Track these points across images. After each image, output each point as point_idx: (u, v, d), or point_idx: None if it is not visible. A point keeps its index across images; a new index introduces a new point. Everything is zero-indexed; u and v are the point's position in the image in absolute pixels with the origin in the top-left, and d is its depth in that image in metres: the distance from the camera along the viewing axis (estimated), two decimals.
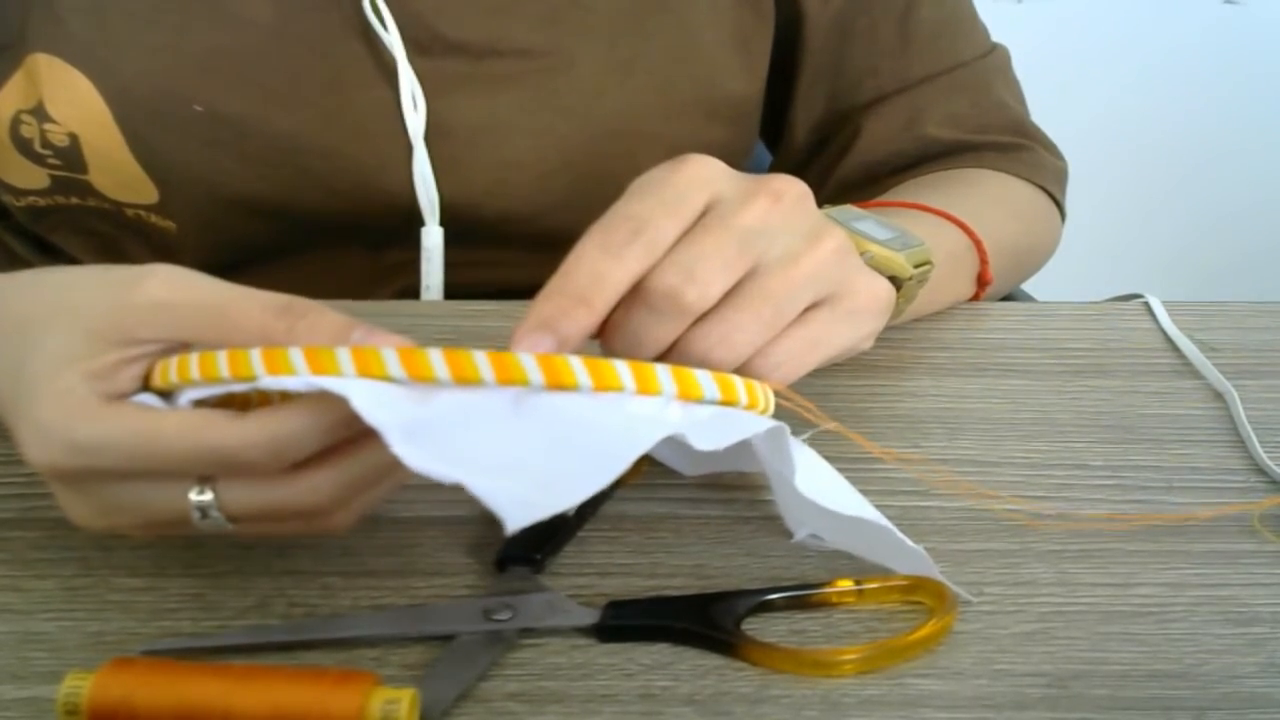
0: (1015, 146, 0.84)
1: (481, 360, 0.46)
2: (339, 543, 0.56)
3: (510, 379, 0.46)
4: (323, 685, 0.47)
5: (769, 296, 0.52)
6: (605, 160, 0.77)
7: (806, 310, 0.54)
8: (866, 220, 0.63)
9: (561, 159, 0.76)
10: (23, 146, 0.72)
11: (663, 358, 0.51)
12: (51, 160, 0.72)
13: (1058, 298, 0.78)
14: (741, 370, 0.52)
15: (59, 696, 0.46)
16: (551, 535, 0.56)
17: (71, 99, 0.70)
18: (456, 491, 0.59)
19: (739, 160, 0.86)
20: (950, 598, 0.52)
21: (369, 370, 0.45)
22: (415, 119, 0.73)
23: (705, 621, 0.51)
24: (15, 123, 0.71)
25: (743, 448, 0.53)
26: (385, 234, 0.76)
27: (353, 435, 0.47)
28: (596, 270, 0.49)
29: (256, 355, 0.46)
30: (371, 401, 0.44)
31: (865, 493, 0.60)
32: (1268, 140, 2.00)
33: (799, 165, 0.86)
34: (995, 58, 0.86)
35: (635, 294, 0.50)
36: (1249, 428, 0.65)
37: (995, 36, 0.88)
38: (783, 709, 0.49)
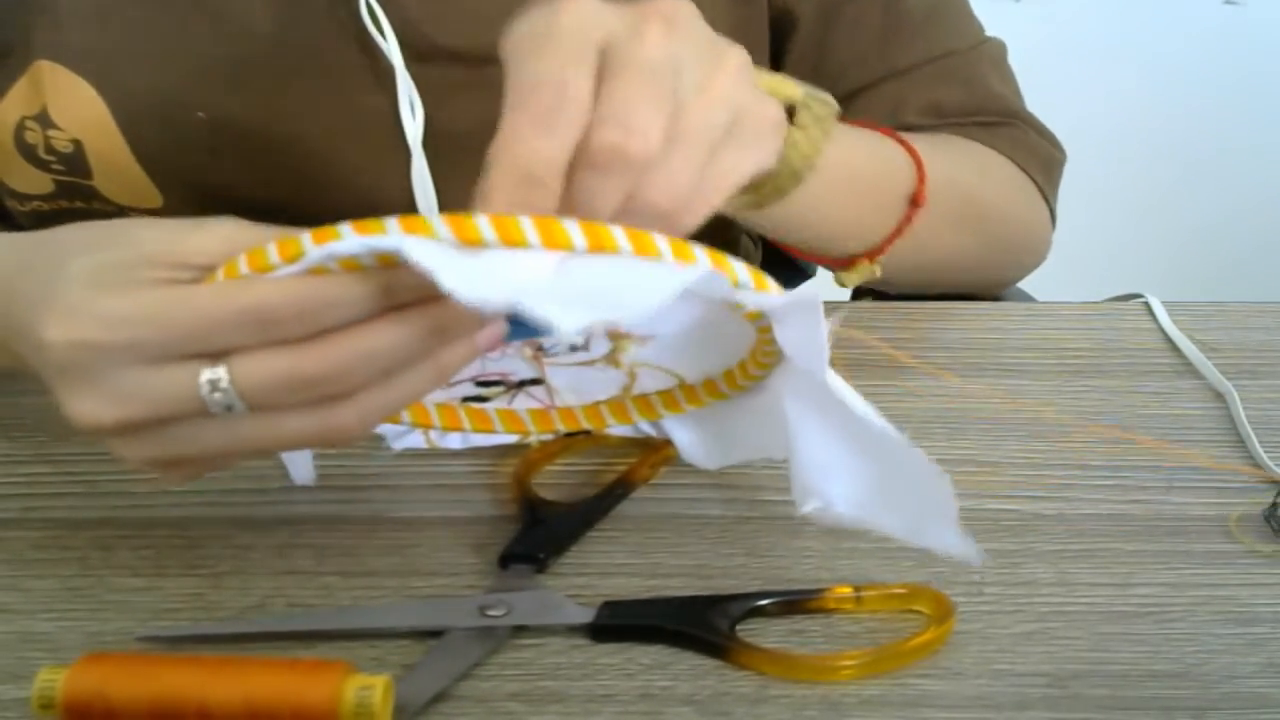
0: (1000, 124, 0.83)
1: (527, 225, 0.45)
2: (339, 542, 0.56)
3: (556, 244, 0.46)
4: (297, 674, 0.47)
5: (695, 131, 0.50)
6: None
7: None
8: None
9: None
10: (27, 152, 0.72)
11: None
12: (56, 166, 0.72)
13: (1058, 298, 0.78)
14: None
15: (33, 691, 0.46)
16: (555, 535, 0.56)
17: (75, 106, 0.71)
18: (457, 491, 0.60)
19: None
20: (949, 605, 0.52)
21: (416, 231, 0.45)
22: (413, 126, 0.73)
23: (701, 624, 0.51)
24: (20, 129, 0.72)
25: (770, 424, 0.52)
26: None
27: (375, 316, 0.47)
28: (536, 148, 0.48)
29: (305, 235, 0.46)
30: (421, 250, 0.44)
31: None
32: (1267, 140, 2.00)
33: None
34: (988, 48, 0.85)
35: (577, 160, 0.48)
36: (1249, 428, 0.65)
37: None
38: (782, 709, 0.49)
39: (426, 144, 0.74)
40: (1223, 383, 0.68)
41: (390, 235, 0.45)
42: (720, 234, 0.85)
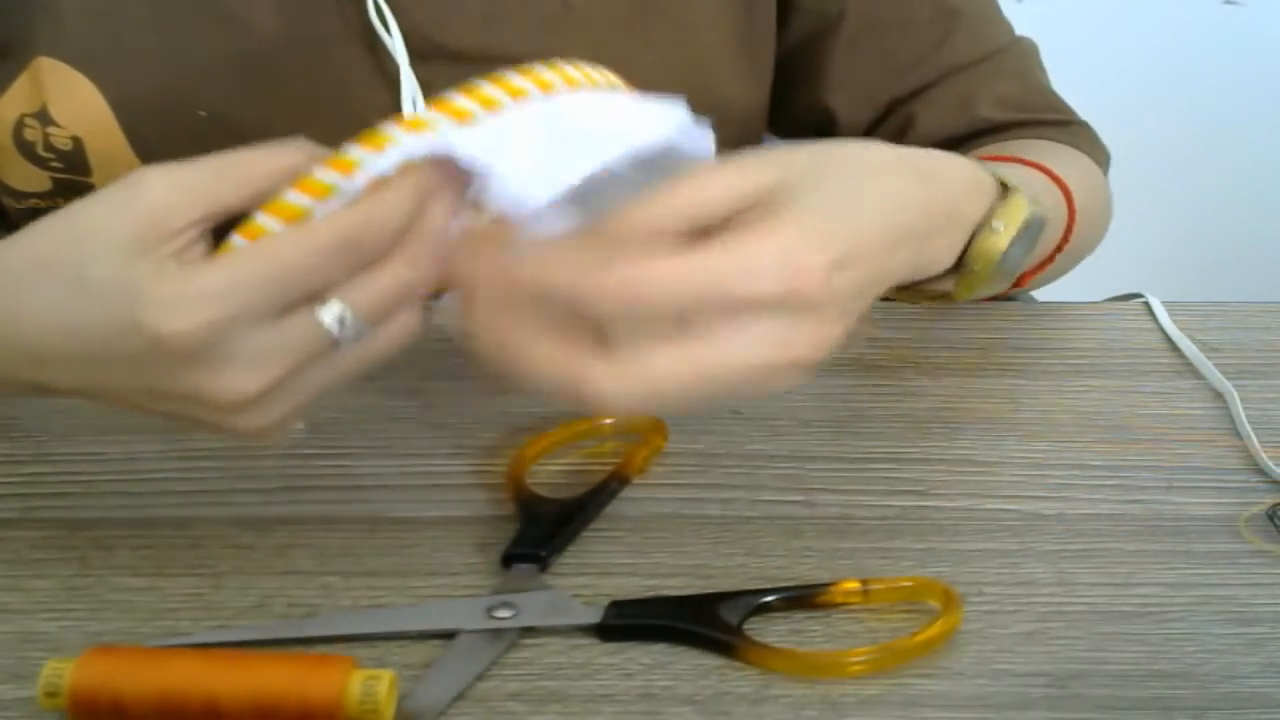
0: (1069, 123, 0.84)
1: (490, 87, 0.50)
2: (339, 542, 0.56)
3: (516, 94, 0.50)
4: (303, 667, 0.47)
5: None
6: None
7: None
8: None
9: None
10: (26, 150, 0.72)
11: None
12: (54, 164, 0.72)
13: (1058, 298, 0.78)
14: None
15: (40, 681, 0.46)
16: (557, 533, 0.56)
17: (75, 103, 0.71)
18: (457, 491, 0.60)
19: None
20: (956, 598, 0.52)
21: (418, 127, 0.49)
22: None
23: (708, 622, 0.52)
24: (19, 126, 0.72)
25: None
26: None
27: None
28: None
29: (323, 169, 0.49)
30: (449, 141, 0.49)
31: (866, 491, 0.60)
32: (1267, 140, 2.00)
33: None
34: (1026, 44, 0.87)
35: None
36: (1249, 428, 0.65)
37: None
38: (783, 709, 0.49)
39: None
40: (1223, 383, 0.68)
41: (404, 143, 0.49)
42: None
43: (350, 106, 0.73)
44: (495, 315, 0.49)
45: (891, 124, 0.84)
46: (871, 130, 0.85)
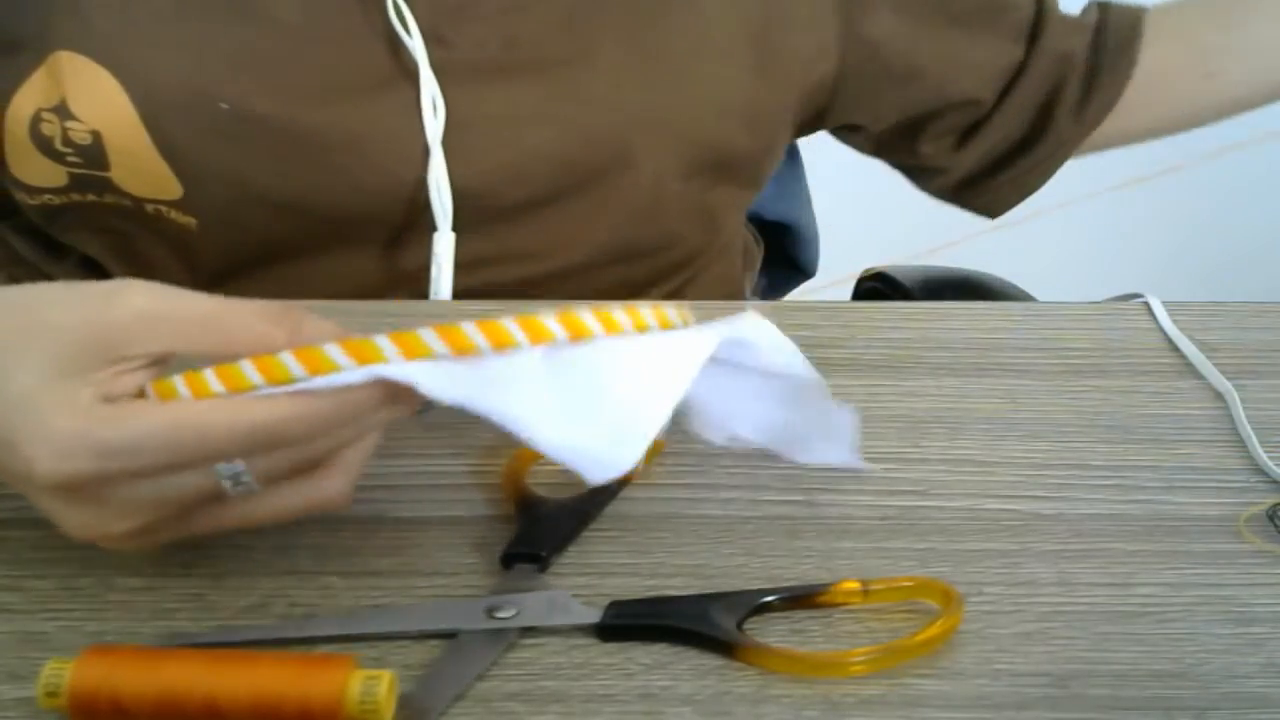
0: None
1: (512, 326, 0.47)
2: (339, 542, 0.56)
3: (540, 338, 0.48)
4: (303, 667, 0.47)
5: None
6: (626, 149, 0.77)
7: None
8: None
9: (583, 147, 0.77)
10: (43, 144, 0.72)
11: None
12: (72, 158, 0.72)
13: (1058, 298, 0.78)
14: None
15: (40, 681, 0.46)
16: (557, 533, 0.56)
17: (95, 96, 0.71)
18: (457, 491, 0.60)
19: (759, 170, 0.86)
20: (957, 597, 0.52)
21: (414, 352, 0.47)
22: (434, 124, 0.73)
23: (708, 622, 0.52)
24: (36, 120, 0.71)
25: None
26: (401, 235, 0.76)
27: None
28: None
29: (290, 358, 0.46)
30: (429, 378, 0.46)
31: (866, 491, 0.60)
32: (1268, 140, 2.00)
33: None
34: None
35: None
36: (1249, 428, 0.65)
37: None
38: (783, 709, 0.49)
39: (448, 130, 0.74)
40: (1223, 383, 0.68)
41: (390, 364, 0.46)
42: (716, 237, 0.86)
43: (370, 103, 0.73)
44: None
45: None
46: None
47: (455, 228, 0.74)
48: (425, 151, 0.73)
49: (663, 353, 0.50)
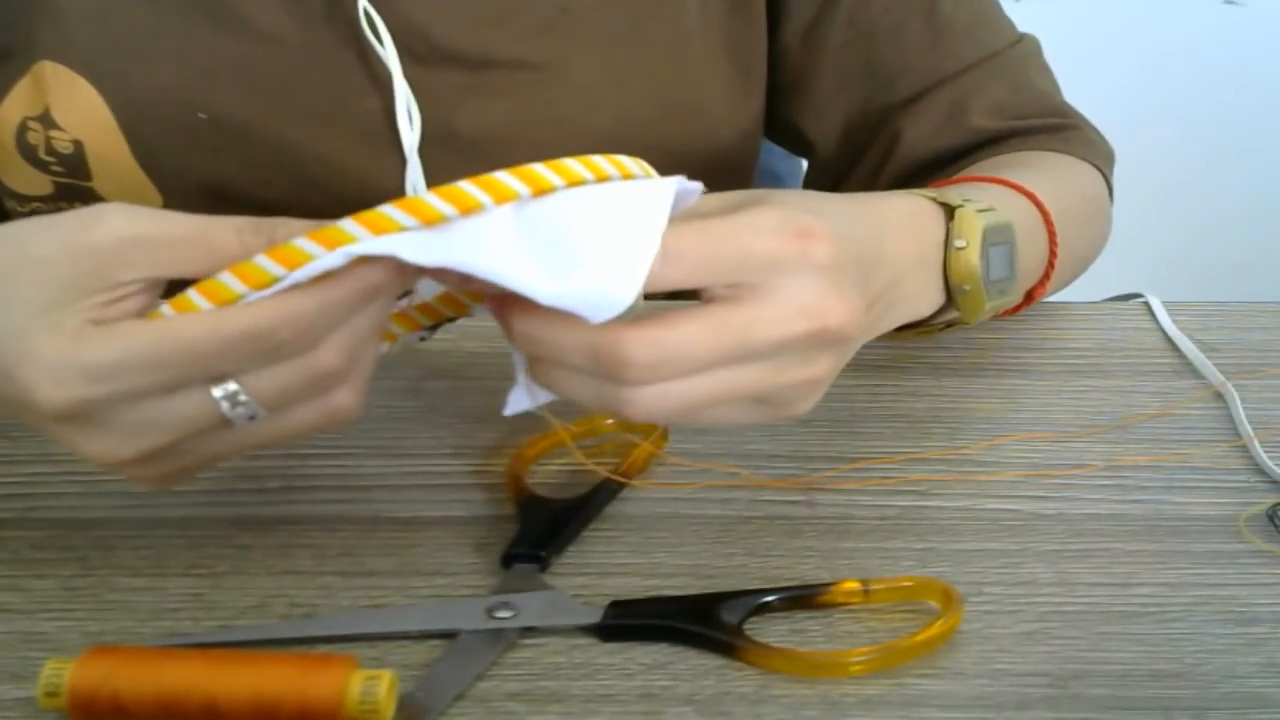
0: (1064, 127, 0.82)
1: (472, 188, 0.47)
2: (339, 542, 0.56)
3: (503, 197, 0.47)
4: (303, 667, 0.47)
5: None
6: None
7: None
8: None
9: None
10: (28, 153, 0.72)
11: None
12: (55, 168, 0.72)
13: (1058, 298, 0.78)
14: None
15: (39, 681, 0.46)
16: (557, 533, 0.56)
17: (77, 106, 0.71)
18: (457, 491, 0.60)
19: (744, 173, 0.86)
20: (957, 597, 0.52)
21: (382, 228, 0.46)
22: (410, 133, 0.73)
23: (708, 622, 0.51)
24: (22, 129, 0.72)
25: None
26: None
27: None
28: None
29: (265, 259, 0.46)
30: (390, 243, 0.46)
31: (866, 491, 0.60)
32: (1268, 140, 2.00)
33: (838, 175, 0.85)
34: (1026, 45, 0.85)
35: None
36: (1249, 427, 0.65)
37: None
38: (783, 709, 0.49)
39: (424, 146, 0.74)
40: (1223, 383, 0.68)
41: (361, 241, 0.46)
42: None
43: (346, 110, 0.73)
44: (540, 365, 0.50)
45: (882, 138, 0.82)
46: (857, 145, 0.84)
47: None
48: (403, 161, 0.73)
49: (631, 196, 0.49)
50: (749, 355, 0.49)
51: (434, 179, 0.74)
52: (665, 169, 0.57)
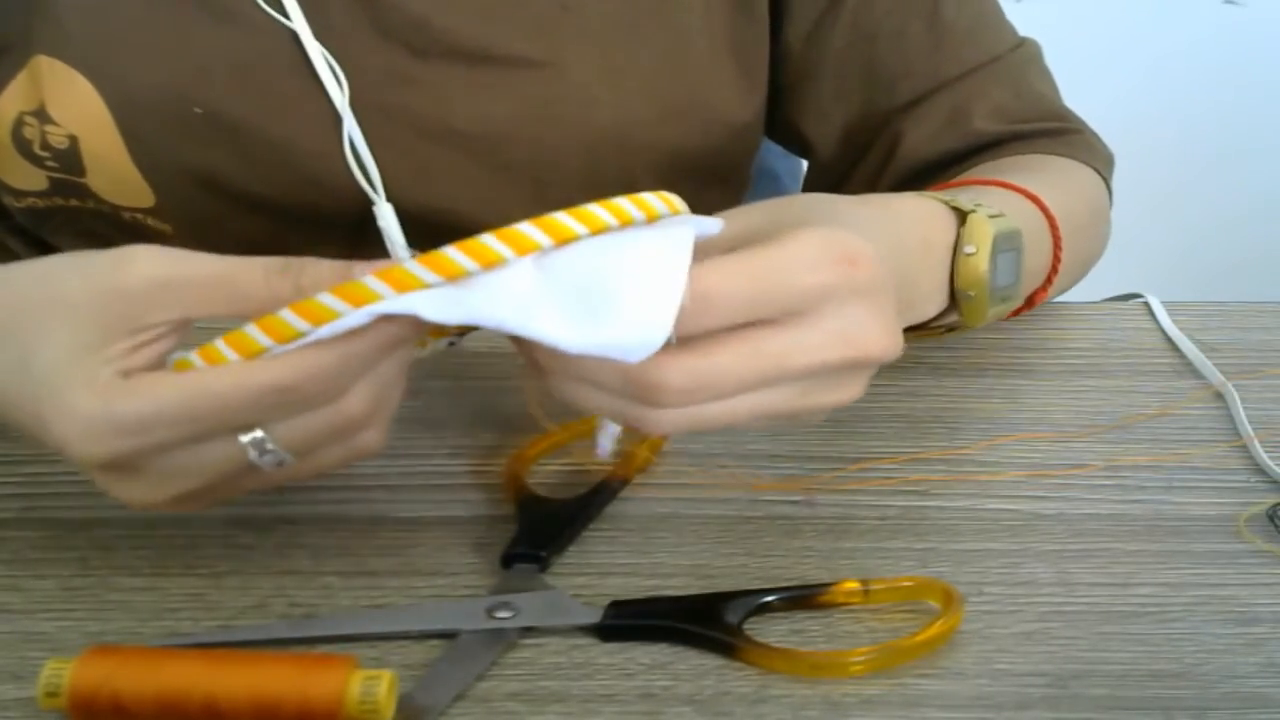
0: (1065, 131, 0.83)
1: (494, 242, 0.47)
2: (339, 542, 0.56)
3: (525, 249, 0.47)
4: (303, 667, 0.47)
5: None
6: (599, 168, 0.76)
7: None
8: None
9: (555, 168, 0.76)
10: (23, 148, 0.72)
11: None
12: (50, 163, 0.72)
13: (1058, 298, 0.78)
14: None
15: (40, 681, 0.46)
16: (557, 533, 0.56)
17: (72, 101, 0.71)
18: (457, 491, 0.60)
19: (744, 172, 0.86)
20: (957, 597, 0.52)
21: (405, 285, 0.46)
22: (339, 94, 0.72)
23: (708, 622, 0.51)
24: (18, 124, 0.72)
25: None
26: (370, 236, 0.76)
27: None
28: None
29: (290, 313, 0.47)
30: (430, 304, 0.46)
31: (866, 491, 0.60)
32: (1268, 140, 2.00)
33: (838, 177, 0.84)
34: (1027, 49, 0.85)
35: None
36: (1249, 427, 0.65)
37: None
38: (783, 709, 0.49)
39: (422, 141, 0.74)
40: (1223, 383, 0.68)
41: (385, 300, 0.46)
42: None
43: (331, 106, 0.73)
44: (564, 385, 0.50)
45: (883, 141, 0.82)
46: (857, 147, 0.83)
47: (419, 235, 0.74)
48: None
49: (652, 241, 0.48)
50: (782, 379, 0.49)
51: (434, 176, 0.74)
52: (665, 168, 0.58)
